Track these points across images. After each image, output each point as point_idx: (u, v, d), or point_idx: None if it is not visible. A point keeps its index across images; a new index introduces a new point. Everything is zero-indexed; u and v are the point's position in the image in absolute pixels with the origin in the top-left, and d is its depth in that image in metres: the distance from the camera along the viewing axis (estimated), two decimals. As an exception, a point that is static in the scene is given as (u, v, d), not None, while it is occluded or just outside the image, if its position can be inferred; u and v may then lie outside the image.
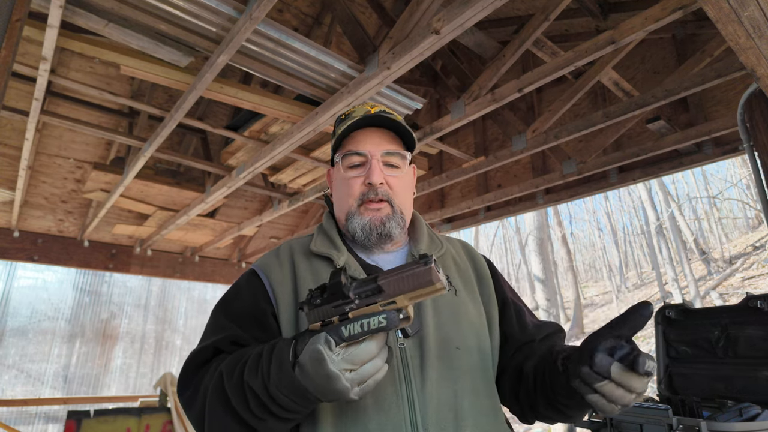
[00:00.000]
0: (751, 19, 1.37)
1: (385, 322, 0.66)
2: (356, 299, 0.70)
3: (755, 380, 2.14)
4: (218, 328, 0.89)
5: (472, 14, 1.79)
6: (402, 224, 0.96)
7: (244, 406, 0.72)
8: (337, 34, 3.96)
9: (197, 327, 7.43)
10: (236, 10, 2.08)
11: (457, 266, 1.02)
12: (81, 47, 2.45)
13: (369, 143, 0.96)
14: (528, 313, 1.04)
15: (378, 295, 0.69)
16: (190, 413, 0.82)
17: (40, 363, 6.05)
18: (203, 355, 0.86)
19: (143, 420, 4.32)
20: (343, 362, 0.65)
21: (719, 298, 12.79)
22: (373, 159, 0.94)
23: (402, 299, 0.68)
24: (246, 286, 0.94)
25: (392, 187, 0.96)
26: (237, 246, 6.54)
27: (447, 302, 0.92)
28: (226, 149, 3.85)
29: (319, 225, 1.05)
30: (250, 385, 0.72)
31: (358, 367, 0.65)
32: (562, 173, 3.40)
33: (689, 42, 3.08)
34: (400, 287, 0.68)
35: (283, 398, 0.69)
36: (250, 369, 0.73)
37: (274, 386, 0.69)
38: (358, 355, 0.65)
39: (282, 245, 1.02)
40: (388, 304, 0.68)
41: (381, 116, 0.96)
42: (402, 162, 0.98)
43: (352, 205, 0.95)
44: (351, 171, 0.96)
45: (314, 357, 0.65)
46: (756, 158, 1.92)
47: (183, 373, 0.86)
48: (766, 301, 2.18)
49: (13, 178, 4.25)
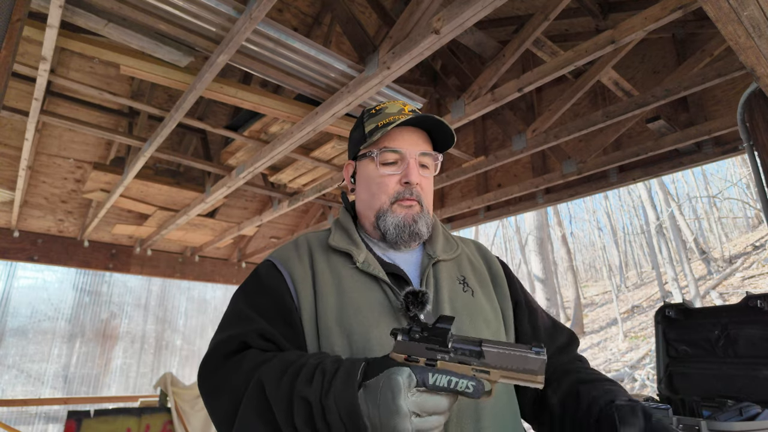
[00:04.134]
0: (750, 18, 1.37)
1: (471, 390, 0.64)
2: (452, 352, 0.68)
3: (755, 380, 2.14)
4: (242, 319, 0.86)
5: (471, 14, 1.78)
6: (429, 223, 0.97)
7: (286, 416, 0.69)
8: (336, 33, 3.96)
9: (197, 327, 7.43)
10: (236, 9, 2.08)
11: (472, 267, 1.02)
12: (81, 47, 2.45)
13: (407, 142, 0.96)
14: (542, 316, 1.04)
15: (475, 358, 0.67)
16: (215, 410, 0.79)
17: (40, 363, 6.05)
18: (229, 346, 0.83)
19: (143, 420, 4.32)
20: (414, 405, 0.62)
21: (719, 297, 12.80)
22: (411, 158, 0.94)
23: (496, 373, 0.66)
24: (268, 279, 0.92)
25: (423, 187, 0.97)
26: (237, 246, 6.54)
27: (464, 304, 0.91)
28: (226, 149, 3.84)
29: (335, 220, 1.04)
30: (303, 394, 0.68)
31: (424, 416, 0.63)
32: (562, 173, 3.40)
33: (689, 41, 3.08)
34: (502, 362, 0.66)
35: (334, 415, 0.65)
36: (305, 380, 0.70)
37: (332, 398, 0.65)
38: (432, 404, 0.63)
39: (299, 238, 1.00)
40: (480, 371, 0.66)
41: (428, 117, 0.95)
42: (433, 164, 0.99)
43: (385, 203, 0.95)
44: (385, 168, 0.96)
45: (390, 386, 0.62)
46: (756, 157, 1.92)
47: (207, 363, 0.83)
48: (766, 300, 2.18)
49: (13, 178, 4.25)
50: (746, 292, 2.30)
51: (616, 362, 12.13)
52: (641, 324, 14.23)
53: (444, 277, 0.93)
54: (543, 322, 1.03)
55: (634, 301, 17.25)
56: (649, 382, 10.12)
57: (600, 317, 17.39)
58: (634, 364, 11.42)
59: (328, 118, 2.67)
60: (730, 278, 14.23)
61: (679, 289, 13.80)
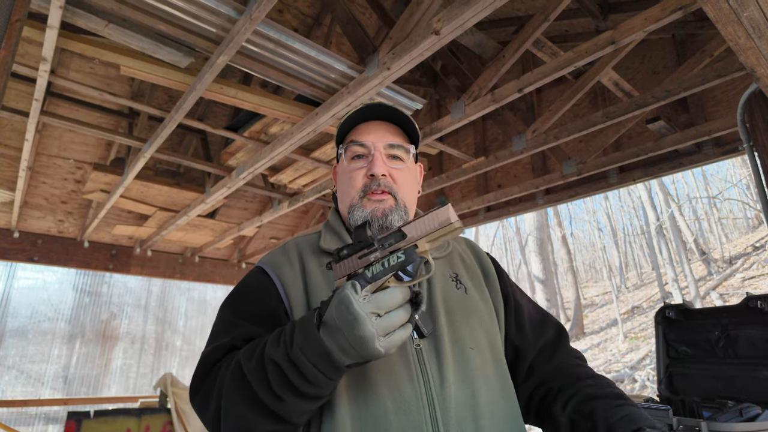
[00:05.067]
0: (750, 19, 1.37)
1: (404, 257, 0.68)
2: (379, 248, 0.71)
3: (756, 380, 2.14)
4: (230, 327, 0.86)
5: (471, 14, 1.78)
6: (405, 218, 0.94)
7: (263, 384, 0.70)
8: (336, 34, 3.96)
9: (197, 328, 7.43)
10: (236, 10, 2.08)
11: (464, 264, 1.01)
12: (81, 48, 2.45)
13: (372, 135, 0.95)
14: (529, 311, 1.03)
15: (400, 240, 0.71)
16: (205, 415, 0.79)
17: (40, 364, 6.05)
18: (216, 355, 0.82)
19: (143, 421, 4.32)
20: (368, 305, 0.65)
21: (719, 298, 12.79)
22: (376, 150, 0.93)
23: (422, 242, 0.69)
24: (255, 285, 0.92)
25: (396, 180, 0.94)
26: (237, 246, 6.54)
27: (458, 302, 0.91)
28: (226, 150, 3.84)
29: (325, 222, 1.03)
30: (271, 357, 0.70)
31: (383, 313, 0.65)
32: (562, 173, 3.40)
33: (689, 42, 3.08)
34: (420, 230, 0.69)
35: (306, 363, 0.67)
36: (272, 343, 0.72)
37: (298, 348, 0.68)
38: (383, 299, 0.65)
39: (288, 243, 1.00)
40: (409, 247, 0.70)
41: (383, 106, 0.94)
42: (406, 155, 0.97)
43: (354, 197, 0.93)
44: (354, 163, 0.95)
45: (342, 303, 0.65)
46: (756, 158, 1.91)
47: (195, 376, 0.83)
48: (767, 301, 2.18)
49: (13, 179, 4.25)
50: (746, 293, 2.30)
51: (616, 363, 12.12)
52: (641, 325, 14.23)
53: (437, 275, 0.93)
54: (530, 317, 1.01)
55: (634, 301, 17.25)
56: (649, 383, 10.12)
57: (600, 318, 17.38)
58: (634, 365, 11.41)
59: (328, 118, 2.67)
60: (731, 279, 14.22)
61: (679, 289, 13.79)
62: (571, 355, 0.99)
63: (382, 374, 0.79)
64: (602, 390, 0.84)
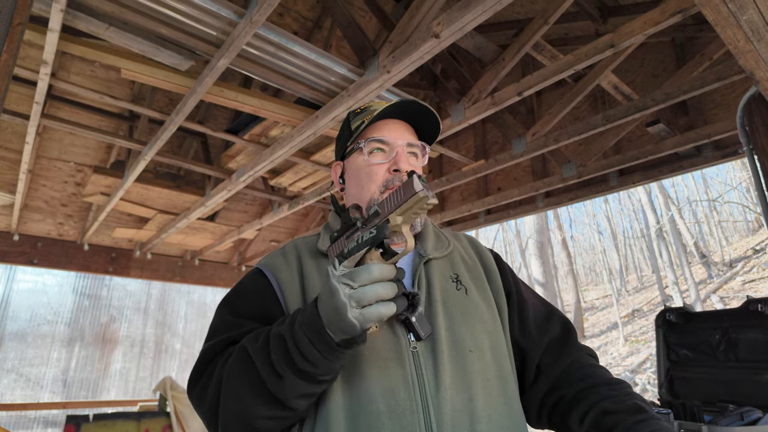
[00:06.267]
0: (749, 22, 1.37)
1: (375, 232, 0.71)
2: (361, 227, 0.77)
3: (756, 384, 2.14)
4: (228, 326, 0.87)
5: (471, 18, 1.79)
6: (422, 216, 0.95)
7: (266, 360, 0.72)
8: (337, 37, 3.97)
9: (197, 331, 7.41)
10: (237, 14, 2.09)
11: (465, 264, 0.99)
12: (82, 51, 2.45)
13: (394, 133, 0.95)
14: (534, 306, 1.01)
15: (377, 217, 0.75)
16: (202, 405, 0.80)
17: (39, 367, 6.03)
18: (217, 348, 0.83)
19: (142, 424, 4.30)
20: (342, 278, 0.68)
21: (720, 301, 12.78)
22: (398, 147, 0.94)
23: (394, 217, 0.72)
24: (252, 286, 0.92)
25: None
26: (237, 249, 6.54)
27: (458, 303, 0.89)
28: (227, 153, 3.85)
29: (324, 224, 1.03)
30: (277, 332, 0.74)
31: (356, 286, 0.67)
32: (562, 176, 3.40)
33: (688, 45, 3.08)
34: (391, 205, 0.72)
35: (302, 337, 0.70)
36: (279, 323, 0.77)
37: (299, 324, 0.71)
38: (356, 272, 0.67)
39: (287, 245, 1.00)
40: (384, 223, 0.73)
41: (416, 103, 0.94)
42: (421, 155, 0.99)
43: (375, 192, 0.92)
44: (374, 157, 0.95)
45: (325, 277, 0.70)
46: (756, 161, 1.91)
47: (195, 369, 0.84)
48: (767, 304, 2.18)
49: (13, 182, 4.25)
50: (747, 296, 2.30)
51: (616, 366, 12.10)
52: (642, 328, 14.20)
53: (436, 276, 0.92)
54: (535, 312, 0.99)
55: (635, 305, 17.23)
56: (649, 387, 10.09)
57: (600, 321, 17.36)
58: (634, 369, 11.39)
59: (328, 121, 2.67)
60: (731, 282, 14.21)
61: (679, 292, 13.78)
62: (582, 352, 0.96)
63: (377, 377, 0.78)
64: (622, 403, 0.80)
